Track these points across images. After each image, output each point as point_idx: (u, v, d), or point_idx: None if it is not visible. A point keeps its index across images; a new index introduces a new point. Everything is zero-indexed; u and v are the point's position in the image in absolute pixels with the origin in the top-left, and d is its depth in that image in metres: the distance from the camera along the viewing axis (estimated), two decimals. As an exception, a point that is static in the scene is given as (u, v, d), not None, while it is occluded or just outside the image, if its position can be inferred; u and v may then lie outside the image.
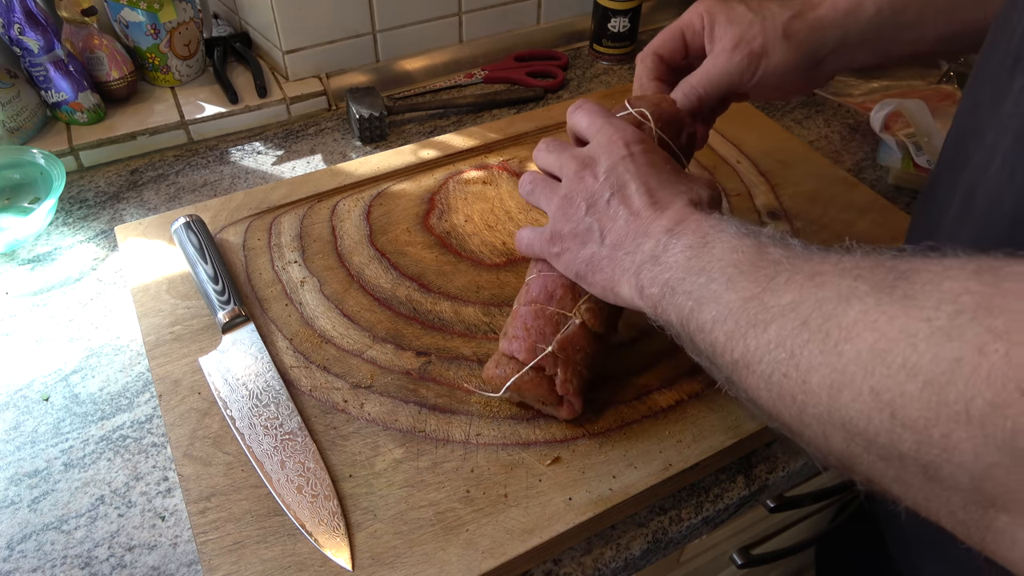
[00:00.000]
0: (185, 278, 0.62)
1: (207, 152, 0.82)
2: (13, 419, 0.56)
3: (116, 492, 0.52)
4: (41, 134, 0.80)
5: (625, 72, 0.97)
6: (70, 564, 0.48)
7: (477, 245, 0.66)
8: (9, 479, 0.52)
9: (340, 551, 0.45)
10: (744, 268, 0.36)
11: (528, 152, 0.77)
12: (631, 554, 0.50)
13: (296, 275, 0.63)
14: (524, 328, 0.50)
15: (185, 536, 0.49)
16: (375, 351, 0.57)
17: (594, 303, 0.50)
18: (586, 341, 0.49)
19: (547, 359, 0.48)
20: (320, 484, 0.48)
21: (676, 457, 0.50)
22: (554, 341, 0.49)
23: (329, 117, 0.88)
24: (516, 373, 0.49)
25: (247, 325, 0.58)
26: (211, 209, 0.69)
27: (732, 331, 0.35)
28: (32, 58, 0.76)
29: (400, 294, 0.62)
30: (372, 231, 0.68)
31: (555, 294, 0.50)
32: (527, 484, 0.49)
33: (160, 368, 0.55)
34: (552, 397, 0.49)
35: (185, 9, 0.83)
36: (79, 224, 0.73)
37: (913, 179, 0.79)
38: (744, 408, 0.53)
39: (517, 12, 0.97)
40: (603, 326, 0.50)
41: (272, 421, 0.52)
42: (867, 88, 0.93)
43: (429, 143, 0.77)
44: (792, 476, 0.56)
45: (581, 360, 0.49)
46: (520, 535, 0.46)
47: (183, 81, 0.87)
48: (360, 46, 0.89)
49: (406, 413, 0.53)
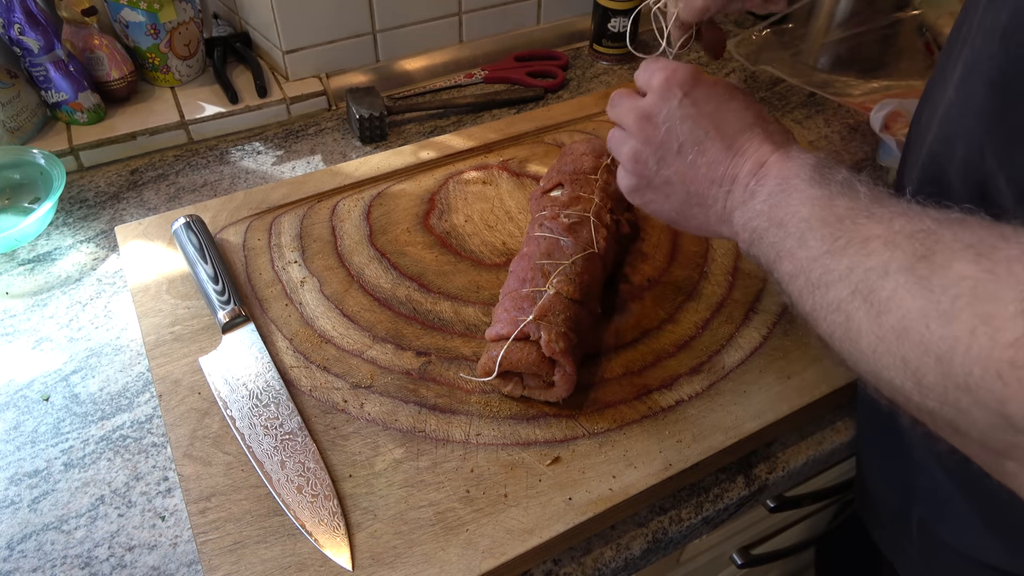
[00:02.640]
0: (185, 278, 0.62)
1: (207, 152, 0.82)
2: (13, 419, 0.56)
3: (116, 492, 0.52)
4: (41, 134, 0.80)
5: (625, 72, 0.97)
6: (70, 564, 0.48)
7: (477, 245, 0.66)
8: (9, 479, 0.52)
9: (340, 551, 0.45)
10: (814, 224, 0.38)
11: (528, 152, 0.77)
12: (631, 554, 0.50)
13: (296, 275, 0.63)
14: (504, 311, 0.53)
15: (185, 536, 0.49)
16: (375, 351, 0.57)
17: (564, 276, 0.53)
18: (563, 306, 0.52)
19: (530, 327, 0.50)
20: (320, 484, 0.48)
21: (676, 457, 0.50)
22: (533, 311, 0.51)
23: (329, 117, 0.88)
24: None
25: (247, 325, 0.58)
26: (211, 209, 0.69)
27: (802, 288, 0.38)
28: (32, 58, 0.76)
29: (400, 294, 0.62)
30: (372, 231, 0.68)
31: (527, 278, 0.54)
32: (527, 484, 0.49)
33: (160, 368, 0.55)
34: (544, 365, 0.50)
35: (185, 9, 0.83)
36: (79, 224, 0.73)
37: (913, 179, 0.78)
38: (744, 408, 0.53)
39: (517, 12, 0.97)
40: (579, 293, 0.53)
41: (272, 421, 0.52)
42: (867, 88, 0.93)
43: (429, 143, 0.77)
44: (792, 476, 0.56)
45: (563, 322, 0.51)
46: (520, 535, 0.46)
47: (183, 81, 0.87)
48: (360, 46, 0.89)
49: (406, 413, 0.53)
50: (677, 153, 0.46)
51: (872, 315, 0.33)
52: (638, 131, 0.48)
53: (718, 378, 0.55)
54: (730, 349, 0.57)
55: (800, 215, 0.39)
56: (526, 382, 0.52)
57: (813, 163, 0.42)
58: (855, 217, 0.37)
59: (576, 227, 0.57)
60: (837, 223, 0.37)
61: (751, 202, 0.43)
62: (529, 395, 0.53)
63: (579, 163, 0.63)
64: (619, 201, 0.62)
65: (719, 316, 0.60)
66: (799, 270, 0.38)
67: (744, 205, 0.43)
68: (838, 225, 0.37)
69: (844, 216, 0.37)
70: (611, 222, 0.60)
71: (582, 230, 0.57)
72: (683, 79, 0.47)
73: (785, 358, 0.57)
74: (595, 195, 0.60)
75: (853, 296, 0.34)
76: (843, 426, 0.58)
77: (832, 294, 0.36)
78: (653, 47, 0.93)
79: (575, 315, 0.52)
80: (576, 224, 0.58)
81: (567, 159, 0.64)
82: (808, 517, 0.81)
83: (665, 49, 0.56)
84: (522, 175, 0.74)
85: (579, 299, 0.53)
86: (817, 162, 0.42)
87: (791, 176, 0.41)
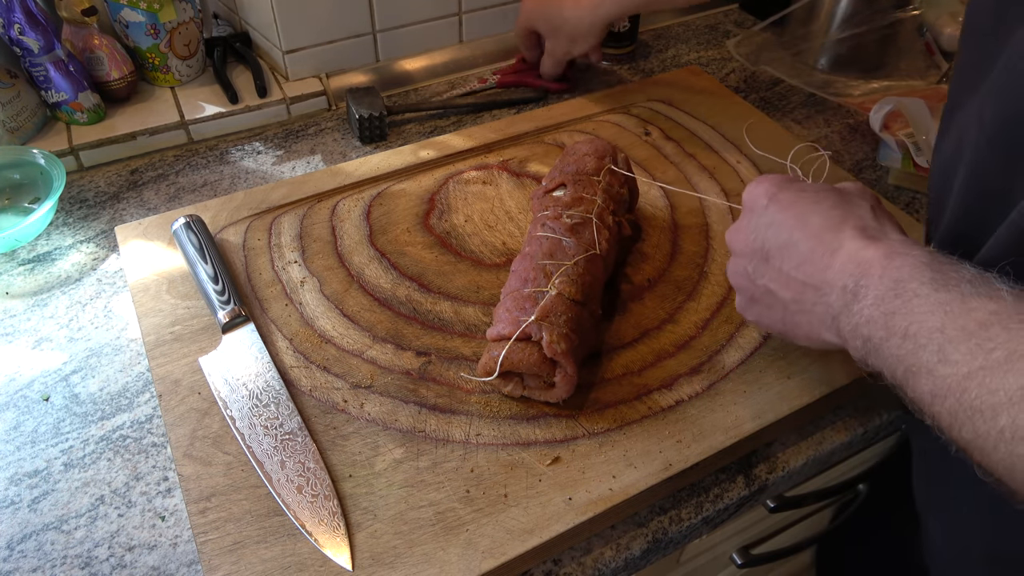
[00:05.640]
0: (185, 278, 0.62)
1: (207, 152, 0.82)
2: (13, 419, 0.56)
3: (116, 492, 0.52)
4: (41, 134, 0.80)
5: (625, 72, 0.97)
6: (70, 564, 0.48)
7: (477, 245, 0.66)
8: (9, 479, 0.52)
9: (340, 551, 0.45)
10: (952, 335, 0.33)
11: (528, 152, 0.77)
12: (631, 554, 0.50)
13: (296, 275, 0.63)
14: (506, 311, 0.52)
15: (185, 536, 0.49)
16: (375, 351, 0.57)
17: (567, 276, 0.53)
18: (565, 307, 0.52)
19: (531, 327, 0.50)
20: (320, 484, 0.48)
21: (676, 457, 0.50)
22: (535, 311, 0.51)
23: (329, 117, 0.88)
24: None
25: (247, 325, 0.58)
26: (211, 209, 0.69)
27: (955, 410, 0.33)
28: (32, 58, 0.76)
29: (400, 294, 0.62)
30: (372, 231, 0.68)
31: (529, 278, 0.54)
32: (527, 484, 0.49)
33: (160, 368, 0.55)
34: (545, 365, 0.50)
35: (185, 9, 0.83)
36: (79, 224, 0.73)
37: (913, 179, 0.79)
38: (744, 408, 0.53)
39: (517, 12, 0.96)
40: (581, 294, 0.53)
41: (272, 421, 0.52)
42: (867, 88, 0.93)
43: (429, 143, 0.77)
44: (792, 476, 0.56)
45: (564, 323, 0.51)
46: (520, 535, 0.46)
47: (183, 81, 0.87)
48: (360, 46, 0.89)
49: (406, 413, 0.53)
50: (767, 261, 0.45)
51: None
52: (734, 245, 0.48)
53: (718, 378, 0.55)
54: (730, 349, 0.57)
55: (930, 325, 0.34)
56: (526, 382, 0.52)
57: (927, 260, 0.37)
58: (1005, 323, 0.32)
59: (578, 228, 0.57)
60: (982, 330, 0.32)
61: (855, 306, 0.39)
62: (529, 395, 0.53)
63: (582, 164, 0.63)
64: (621, 203, 0.62)
65: (719, 316, 0.60)
66: (945, 391, 0.33)
67: (848, 309, 0.39)
68: (984, 333, 0.32)
69: (990, 322, 0.32)
70: (613, 223, 0.60)
71: (584, 231, 0.57)
72: (768, 187, 0.46)
73: (785, 358, 0.57)
74: (597, 196, 0.60)
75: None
76: (843, 426, 0.58)
77: (1002, 420, 0.30)
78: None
79: (576, 316, 0.52)
80: (578, 225, 0.58)
81: (570, 159, 0.64)
82: (808, 517, 0.81)
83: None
84: (522, 175, 0.74)
85: (581, 300, 0.53)
86: (932, 260, 0.37)
87: (906, 279, 0.36)
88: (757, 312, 0.48)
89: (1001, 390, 0.30)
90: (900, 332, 0.35)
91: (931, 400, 0.34)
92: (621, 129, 0.80)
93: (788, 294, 0.44)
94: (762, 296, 0.47)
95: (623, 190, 0.63)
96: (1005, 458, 0.30)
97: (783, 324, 0.46)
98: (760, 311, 0.48)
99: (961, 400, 0.32)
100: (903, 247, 0.39)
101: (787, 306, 0.45)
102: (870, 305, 0.38)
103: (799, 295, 0.43)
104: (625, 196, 0.63)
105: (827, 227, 0.42)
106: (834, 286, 0.40)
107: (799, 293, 0.43)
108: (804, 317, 0.44)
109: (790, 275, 0.43)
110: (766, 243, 0.45)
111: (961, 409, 0.32)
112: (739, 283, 0.49)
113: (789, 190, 0.45)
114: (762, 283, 0.46)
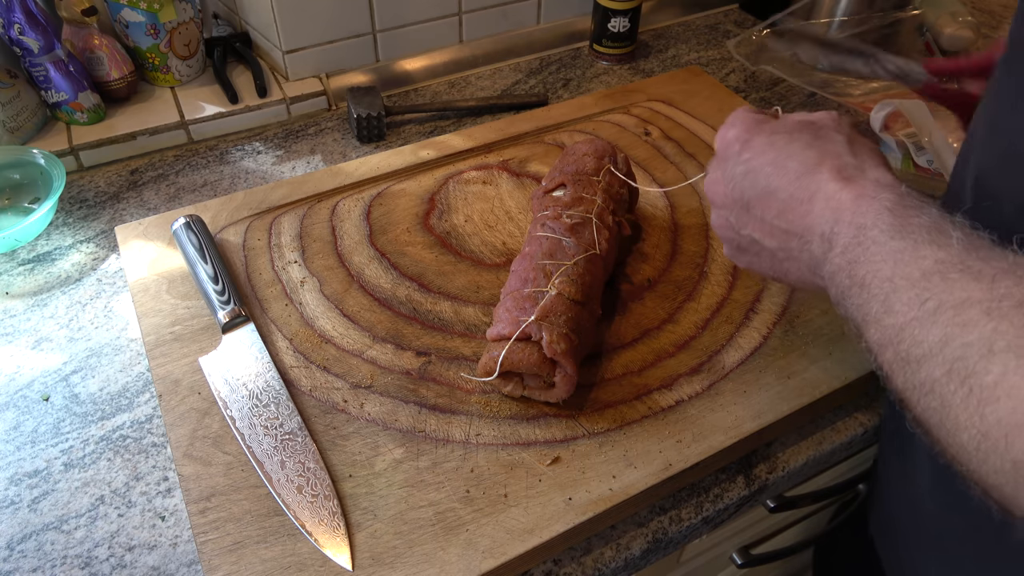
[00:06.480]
0: (185, 278, 0.62)
1: (207, 152, 0.82)
2: (13, 419, 0.56)
3: (116, 492, 0.52)
4: (41, 134, 0.80)
5: (625, 72, 0.97)
6: (70, 564, 0.48)
7: (477, 245, 0.66)
8: (9, 479, 0.52)
9: (340, 551, 0.45)
10: (898, 284, 0.33)
11: (528, 152, 0.77)
12: (631, 554, 0.50)
13: (296, 275, 0.63)
14: (506, 311, 0.52)
15: (185, 536, 0.49)
16: (375, 351, 0.57)
17: (567, 276, 0.53)
18: (565, 307, 0.52)
19: (531, 327, 0.50)
20: (320, 484, 0.48)
21: (676, 457, 0.50)
22: (535, 311, 0.51)
23: (329, 117, 0.88)
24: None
25: (247, 325, 0.58)
26: (211, 209, 0.69)
27: (892, 361, 0.33)
28: (32, 58, 0.76)
29: (400, 294, 0.62)
30: (372, 231, 0.68)
31: (529, 278, 0.54)
32: (527, 484, 0.49)
33: (160, 368, 0.55)
34: (545, 365, 0.50)
35: (185, 9, 0.83)
36: (79, 224, 0.73)
37: (913, 179, 0.78)
38: (744, 408, 0.53)
39: (517, 12, 0.97)
40: (581, 294, 0.53)
41: (272, 421, 0.52)
42: (867, 88, 0.93)
43: (429, 143, 0.77)
44: (792, 476, 0.56)
45: (564, 323, 0.51)
46: (520, 535, 0.46)
47: (183, 81, 0.87)
48: (360, 46, 0.89)
49: (406, 413, 0.53)
50: (748, 211, 0.44)
51: (973, 404, 0.28)
52: (714, 198, 0.47)
53: (718, 378, 0.55)
54: (730, 349, 0.57)
55: (883, 274, 0.34)
56: (526, 382, 0.52)
57: (891, 204, 0.36)
58: (946, 272, 0.31)
59: (578, 228, 0.57)
60: (923, 280, 0.32)
61: (830, 253, 0.38)
62: (529, 395, 0.53)
63: (582, 164, 0.63)
64: (621, 203, 0.62)
65: (719, 316, 0.60)
66: (887, 340, 0.33)
67: (825, 257, 0.39)
68: (925, 283, 0.32)
69: (932, 271, 0.32)
70: (613, 223, 0.60)
71: (584, 231, 0.57)
72: (739, 132, 0.44)
73: (785, 358, 0.57)
74: (597, 196, 0.60)
75: (949, 377, 0.29)
76: (843, 426, 0.58)
77: (923, 373, 0.30)
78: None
79: (577, 316, 0.52)
80: (578, 225, 0.58)
81: (570, 159, 0.64)
82: (808, 517, 0.81)
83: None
84: (522, 175, 0.74)
85: (581, 300, 0.53)
86: (897, 202, 0.36)
87: (868, 226, 0.36)
88: (747, 260, 0.48)
89: (925, 342, 0.30)
90: (859, 281, 0.35)
91: (878, 351, 0.34)
92: (621, 129, 0.80)
93: (773, 243, 0.43)
94: (748, 245, 0.46)
95: (623, 190, 0.63)
96: (922, 409, 0.31)
97: (773, 271, 0.46)
98: (750, 259, 0.47)
99: (897, 351, 0.32)
100: (874, 189, 0.37)
101: (774, 254, 0.44)
102: (839, 254, 0.37)
103: (784, 243, 0.42)
104: (625, 196, 0.63)
105: (804, 171, 0.41)
106: (814, 233, 0.40)
107: (784, 241, 0.42)
108: (792, 264, 0.43)
109: (772, 224, 0.42)
110: (744, 193, 0.44)
111: (896, 360, 0.32)
112: (724, 234, 0.48)
113: (761, 132, 0.44)
114: (746, 233, 0.45)
